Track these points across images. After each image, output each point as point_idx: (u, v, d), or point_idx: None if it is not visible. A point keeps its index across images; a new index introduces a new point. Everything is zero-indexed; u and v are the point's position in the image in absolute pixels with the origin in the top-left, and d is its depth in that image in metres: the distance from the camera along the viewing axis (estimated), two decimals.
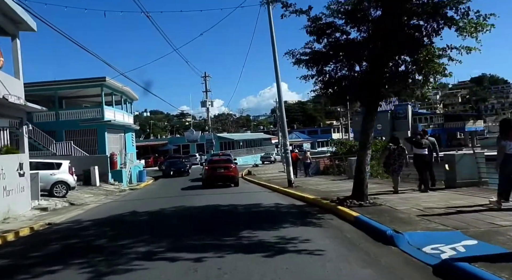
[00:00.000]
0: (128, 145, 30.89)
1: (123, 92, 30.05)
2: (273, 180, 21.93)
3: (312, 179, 20.49)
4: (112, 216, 10.67)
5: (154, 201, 15.32)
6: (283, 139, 16.28)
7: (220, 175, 20.75)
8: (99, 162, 24.06)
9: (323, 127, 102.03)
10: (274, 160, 51.12)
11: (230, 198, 13.84)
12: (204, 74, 48.96)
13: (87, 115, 25.88)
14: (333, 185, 15.37)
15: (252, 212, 9.85)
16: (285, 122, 16.39)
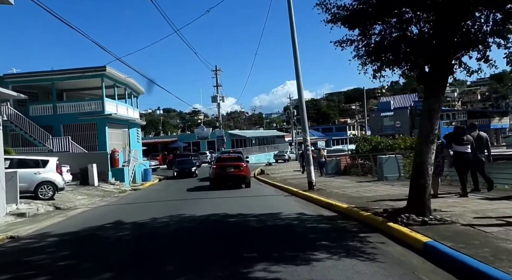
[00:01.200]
0: (132, 141, 28.81)
1: (127, 84, 27.96)
2: (289, 181, 19.52)
3: (334, 180, 18.00)
4: (87, 228, 8.40)
5: (151, 206, 13.08)
6: (303, 134, 13.84)
7: (229, 175, 18.47)
8: (98, 159, 22.00)
9: (338, 125, 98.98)
10: (288, 159, 48.64)
11: (239, 204, 11.50)
12: (215, 67, 46.60)
13: (87, 108, 23.83)
14: (363, 188, 12.88)
15: (268, 228, 7.45)
16: (305, 115, 13.95)
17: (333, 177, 20.39)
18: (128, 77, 26.39)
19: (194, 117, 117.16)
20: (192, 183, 23.39)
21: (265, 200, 12.46)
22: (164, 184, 25.51)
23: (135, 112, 30.75)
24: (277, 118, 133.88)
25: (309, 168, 13.73)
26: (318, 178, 23.73)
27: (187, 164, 29.56)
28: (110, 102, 24.82)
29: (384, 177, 15.01)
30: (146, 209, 11.84)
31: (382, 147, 21.36)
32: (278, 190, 16.41)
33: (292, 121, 67.16)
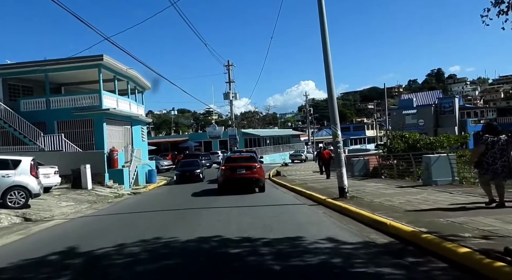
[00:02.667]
0: (136, 140, 26.31)
1: (129, 77, 25.46)
2: (310, 185, 16.64)
3: (366, 185, 15.03)
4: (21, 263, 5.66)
5: (138, 219, 10.40)
6: (333, 128, 10.92)
7: (240, 178, 15.76)
8: (94, 159, 19.54)
9: (356, 124, 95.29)
10: (305, 159, 45.62)
11: (250, 219, 8.68)
12: (228, 62, 43.94)
13: (83, 102, 21.36)
14: (413, 197, 9.90)
15: (292, 272, 4.56)
16: (335, 104, 11.01)
17: (363, 180, 17.37)
18: (130, 69, 23.87)
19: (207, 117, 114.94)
20: (199, 186, 20.72)
21: (284, 212, 9.60)
22: (168, 187, 22.91)
23: (139, 108, 28.25)
24: (292, 118, 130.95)
25: (341, 171, 10.82)
26: (333, 179, 21.00)
27: (191, 166, 24.74)
28: (110, 96, 22.32)
29: (433, 182, 12.00)
30: (129, 226, 9.14)
31: (422, 145, 18.24)
32: (299, 197, 13.54)
33: (308, 120, 64.05)
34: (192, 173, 23.63)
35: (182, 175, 23.74)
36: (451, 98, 66.62)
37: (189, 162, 26.59)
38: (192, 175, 23.48)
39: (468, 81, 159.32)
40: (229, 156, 17.62)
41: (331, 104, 11.00)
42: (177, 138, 57.55)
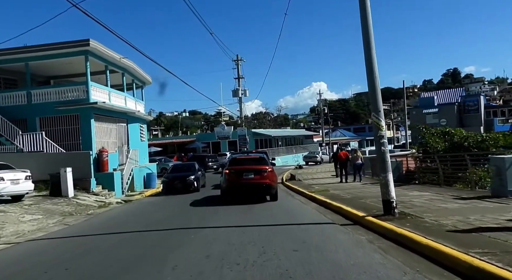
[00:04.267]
0: (132, 139, 23.46)
1: (125, 68, 22.63)
2: (333, 192, 13.55)
3: (409, 194, 11.85)
4: None
5: (103, 245, 7.40)
6: (375, 117, 7.77)
7: (247, 184, 12.80)
8: (78, 161, 16.75)
9: (371, 124, 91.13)
10: (321, 161, 42.27)
11: (256, 257, 5.50)
12: (237, 57, 41.00)
13: (68, 95, 18.56)
14: (501, 217, 6.70)
15: None
16: (376, 81, 7.87)
17: (400, 187, 14.07)
18: (124, 58, 21.02)
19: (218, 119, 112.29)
20: (202, 192, 17.72)
21: (309, 240, 6.50)
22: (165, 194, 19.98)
23: (138, 104, 25.43)
24: (304, 119, 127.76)
25: (386, 177, 7.70)
26: (351, 182, 18.35)
27: (184, 171, 19.33)
28: (100, 88, 19.48)
29: (509, 192, 8.76)
30: (81, 258, 6.15)
31: (470, 144, 14.95)
32: (324, 210, 10.42)
33: (323, 119, 60.73)
34: (183, 181, 18.03)
35: (169, 184, 18.32)
36: (476, 96, 62.51)
37: (182, 165, 21.53)
38: (184, 184, 17.96)
39: (486, 81, 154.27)
40: (234, 157, 14.55)
41: (372, 83, 7.87)
42: (184, 139, 54.83)
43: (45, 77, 22.62)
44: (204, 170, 33.57)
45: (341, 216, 9.03)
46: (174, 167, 21.22)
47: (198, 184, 18.34)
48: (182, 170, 19.58)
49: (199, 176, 19.11)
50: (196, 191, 17.85)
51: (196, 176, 18.64)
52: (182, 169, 20.05)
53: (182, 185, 17.94)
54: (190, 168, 19.73)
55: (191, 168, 19.67)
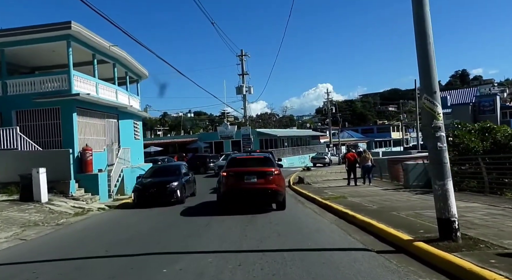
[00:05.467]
0: (124, 137, 21.28)
1: (116, 59, 20.47)
2: (352, 200, 11.25)
3: None
4: None
5: None
6: (428, 101, 5.44)
7: (249, 189, 10.60)
8: (56, 161, 14.59)
9: (380, 125, 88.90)
10: (329, 162, 39.84)
11: None
12: (241, 52, 38.75)
13: (48, 86, 16.40)
14: None
15: None
16: (432, 56, 5.54)
17: (429, 195, 11.76)
18: (114, 46, 18.83)
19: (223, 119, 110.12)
20: (199, 196, 15.48)
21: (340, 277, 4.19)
22: None
23: (132, 99, 23.26)
24: (310, 120, 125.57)
25: (445, 186, 5.38)
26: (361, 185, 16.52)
27: (164, 175, 14.67)
28: (85, 78, 17.29)
29: None
30: None
31: None
32: (345, 224, 8.12)
33: (330, 119, 58.33)
34: (161, 189, 13.57)
35: (142, 193, 13.68)
36: (491, 96, 59.65)
37: (165, 168, 16.78)
38: (162, 193, 13.52)
39: (495, 83, 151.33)
40: (234, 157, 12.23)
41: (423, 49, 5.55)
42: (186, 138, 52.65)
43: (29, 68, 20.52)
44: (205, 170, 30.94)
45: (373, 236, 6.73)
46: (153, 170, 16.11)
47: (182, 193, 13.83)
48: (163, 174, 14.96)
49: (184, 182, 14.42)
50: (179, 202, 13.48)
51: (180, 183, 14.03)
52: (163, 172, 15.35)
53: (160, 194, 13.52)
54: (173, 171, 15.26)
55: (175, 171, 15.20)
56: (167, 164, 20.61)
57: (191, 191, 15.78)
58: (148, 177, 14.98)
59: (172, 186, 13.67)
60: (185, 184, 14.44)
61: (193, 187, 16.31)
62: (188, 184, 15.18)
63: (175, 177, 14.41)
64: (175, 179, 14.16)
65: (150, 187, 13.83)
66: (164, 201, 13.37)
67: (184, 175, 15.10)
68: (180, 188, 13.83)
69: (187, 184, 14.80)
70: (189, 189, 15.19)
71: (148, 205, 13.18)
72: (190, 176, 15.88)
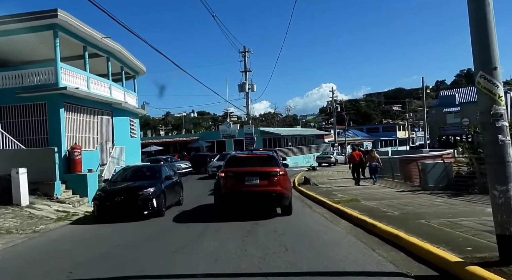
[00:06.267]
0: (119, 135, 20.02)
1: (110, 52, 19.22)
2: (367, 204, 9.93)
3: (488, 212, 8.13)
4: None
5: None
6: (487, 81, 4.07)
7: (251, 192, 9.37)
8: (40, 160, 13.33)
9: (386, 124, 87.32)
10: (335, 162, 38.43)
11: None
12: (244, 48, 37.46)
13: (33, 79, 15.16)
14: None
15: None
16: (491, 22, 4.20)
17: (458, 199, 10.39)
18: (107, 38, 17.58)
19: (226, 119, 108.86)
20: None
21: None
22: None
23: (128, 95, 22.00)
24: (313, 119, 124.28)
25: (509, 193, 3.99)
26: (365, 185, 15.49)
27: (137, 179, 11.67)
28: (74, 71, 16.05)
29: None
30: None
31: None
32: (364, 235, 6.79)
33: (335, 117, 56.90)
34: (130, 198, 10.26)
35: (105, 201, 10.31)
36: None
37: (139, 170, 12.92)
38: (130, 202, 10.18)
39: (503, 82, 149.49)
40: (233, 156, 10.89)
41: (481, 15, 4.21)
42: (187, 137, 51.42)
43: (16, 63, 19.20)
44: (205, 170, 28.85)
45: (403, 253, 5.40)
46: (125, 172, 12.58)
47: (160, 203, 10.50)
48: (138, 177, 11.92)
49: (164, 188, 11.12)
50: (155, 214, 10.28)
51: (158, 189, 10.72)
52: (139, 174, 12.22)
53: (129, 204, 10.10)
54: (152, 174, 12.12)
55: (154, 174, 12.03)
56: (145, 164, 17.36)
57: (176, 199, 12.51)
58: (117, 181, 11.80)
59: (146, 194, 10.30)
60: (165, 191, 11.10)
61: (179, 194, 12.97)
62: (171, 190, 11.89)
63: (152, 181, 11.23)
64: (151, 184, 10.91)
65: (117, 194, 10.38)
66: (134, 213, 10.05)
67: (166, 179, 11.87)
68: (157, 195, 10.53)
69: (169, 191, 11.51)
70: (171, 196, 11.91)
71: (111, 219, 9.91)
72: (174, 180, 12.66)
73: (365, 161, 17.60)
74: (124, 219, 9.93)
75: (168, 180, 11.97)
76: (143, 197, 10.27)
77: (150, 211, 10.27)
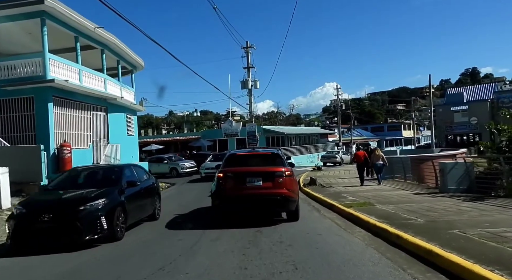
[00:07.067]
0: (115, 132, 18.96)
1: (105, 44, 18.16)
2: (383, 209, 8.76)
3: None
4: None
5: None
6: None
7: (253, 196, 8.33)
8: (25, 159, 12.31)
9: (390, 124, 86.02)
10: (341, 161, 37.26)
11: None
12: (246, 44, 36.25)
13: (20, 71, 14.11)
14: None
15: None
16: None
17: (482, 203, 9.23)
18: (100, 28, 16.52)
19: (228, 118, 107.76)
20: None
21: None
22: None
23: (125, 90, 20.94)
24: (317, 118, 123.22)
25: None
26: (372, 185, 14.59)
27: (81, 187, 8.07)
28: (64, 63, 14.99)
29: None
30: None
31: None
32: (387, 248, 5.68)
33: (339, 115, 55.72)
34: (63, 217, 6.76)
35: (25, 223, 6.83)
36: (511, 92, 56.47)
37: (91, 173, 9.22)
38: (64, 224, 6.72)
39: (507, 81, 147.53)
40: (233, 154, 9.75)
41: None
42: (188, 136, 50.44)
43: (3, 55, 18.23)
44: None
45: (442, 274, 4.29)
46: (70, 175, 9.02)
47: (113, 222, 7.16)
48: (86, 183, 8.41)
49: (124, 199, 7.75)
50: (109, 239, 7.08)
51: (111, 201, 7.39)
52: (88, 180, 8.64)
53: (61, 226, 6.75)
54: (107, 179, 8.42)
55: (110, 179, 8.37)
56: (102, 166, 12.59)
57: (146, 213, 9.19)
58: (55, 189, 8.13)
59: (90, 209, 6.92)
60: (124, 203, 7.67)
61: (153, 204, 9.55)
62: (137, 201, 8.49)
63: (104, 190, 7.57)
64: (102, 193, 7.38)
65: (44, 210, 6.86)
66: (68, 239, 6.72)
67: (129, 186, 8.20)
68: (109, 210, 7.11)
69: (132, 202, 8.09)
70: (138, 210, 8.48)
71: (33, 250, 6.58)
72: (145, 186, 9.24)
73: (370, 161, 16.80)
74: (54, 250, 6.51)
75: (133, 187, 8.37)
76: (85, 215, 6.78)
77: (99, 235, 6.82)
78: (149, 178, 10.11)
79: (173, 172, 27.22)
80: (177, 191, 18.59)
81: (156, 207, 9.82)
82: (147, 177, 10.01)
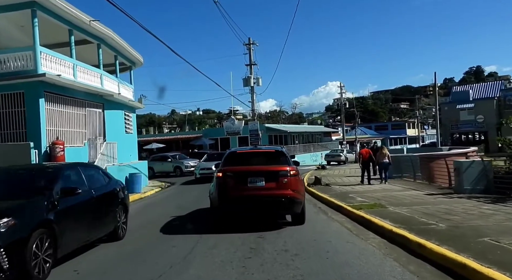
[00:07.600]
0: (112, 130, 18.23)
1: (101, 38, 17.41)
2: (396, 211, 8.03)
3: None
4: None
5: None
6: None
7: (255, 197, 7.62)
8: (13, 157, 11.46)
9: (395, 122, 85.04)
10: (345, 160, 36.46)
11: None
12: (248, 40, 35.50)
13: (10, 66, 13.37)
14: None
15: None
16: None
17: (505, 205, 8.46)
18: (95, 21, 15.78)
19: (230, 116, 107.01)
20: (192, 199, 12.32)
21: None
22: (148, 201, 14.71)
23: (123, 87, 20.19)
24: (319, 117, 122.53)
25: None
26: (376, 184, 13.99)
27: None
28: (57, 57, 14.24)
29: None
30: None
31: None
32: (409, 258, 4.99)
33: (343, 113, 54.93)
34: None
35: None
36: None
37: (9, 177, 6.38)
38: None
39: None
40: (233, 152, 8.99)
41: None
42: (190, 135, 49.75)
43: None
44: None
45: None
46: None
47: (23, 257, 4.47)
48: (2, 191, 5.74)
49: (48, 217, 5.10)
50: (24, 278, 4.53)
51: (30, 220, 4.83)
52: (6, 186, 5.97)
53: None
54: (27, 185, 5.98)
55: (39, 185, 5.82)
56: (30, 165, 9.72)
57: (101, 232, 6.70)
58: None
59: None
60: (52, 222, 5.14)
61: (114, 219, 7.12)
62: (82, 217, 6.10)
63: (21, 202, 5.15)
64: (9, 209, 4.80)
65: None
66: None
67: (64, 194, 5.66)
68: (17, 239, 4.53)
69: (72, 219, 5.72)
70: (82, 230, 6.03)
71: None
72: (99, 194, 6.71)
73: (375, 159, 16.21)
74: None
75: (73, 196, 5.82)
76: None
77: None
78: (109, 182, 7.47)
79: (177, 171, 26.52)
80: (177, 191, 17.93)
81: (120, 221, 7.30)
82: (106, 181, 7.38)
